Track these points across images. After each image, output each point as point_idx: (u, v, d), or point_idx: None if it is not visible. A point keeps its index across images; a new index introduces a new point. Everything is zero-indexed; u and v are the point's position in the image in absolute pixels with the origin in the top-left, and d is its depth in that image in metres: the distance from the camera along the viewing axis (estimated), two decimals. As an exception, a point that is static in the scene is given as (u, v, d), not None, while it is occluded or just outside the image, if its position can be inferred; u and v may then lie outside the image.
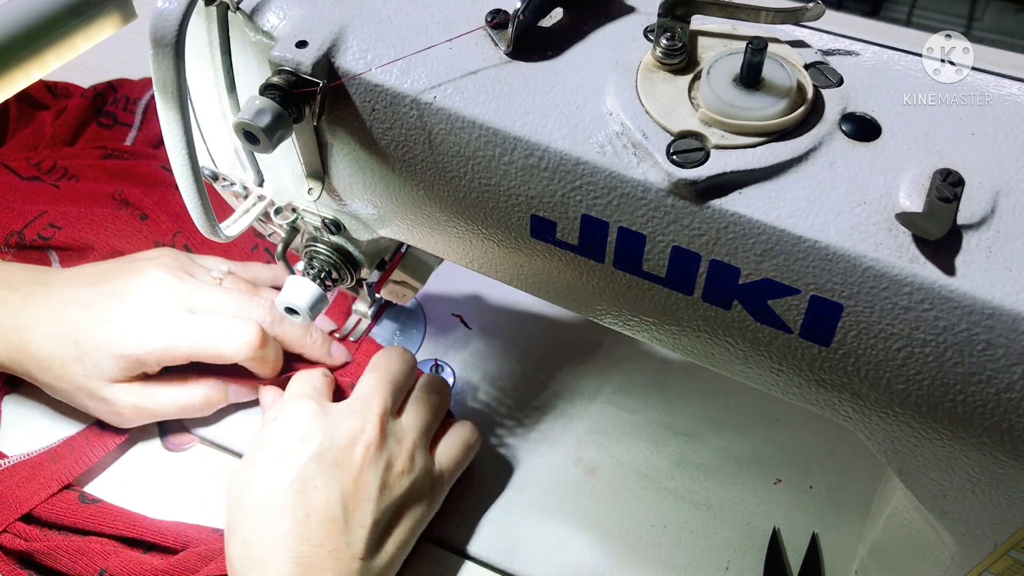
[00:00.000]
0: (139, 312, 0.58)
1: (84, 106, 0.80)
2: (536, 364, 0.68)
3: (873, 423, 0.38)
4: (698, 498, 0.60)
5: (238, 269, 0.66)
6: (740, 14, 0.38)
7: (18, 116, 0.81)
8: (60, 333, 0.58)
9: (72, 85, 0.84)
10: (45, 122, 0.80)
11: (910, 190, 0.34)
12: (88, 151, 0.78)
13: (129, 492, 0.60)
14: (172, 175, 0.43)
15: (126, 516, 0.57)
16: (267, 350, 0.60)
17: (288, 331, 0.62)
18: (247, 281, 0.65)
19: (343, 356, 0.65)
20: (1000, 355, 0.32)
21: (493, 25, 0.40)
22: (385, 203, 0.46)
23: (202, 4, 0.41)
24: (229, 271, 0.65)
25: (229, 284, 0.64)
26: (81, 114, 0.80)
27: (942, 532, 0.41)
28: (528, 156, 0.38)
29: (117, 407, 0.59)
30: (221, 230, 0.47)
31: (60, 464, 0.60)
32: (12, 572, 0.55)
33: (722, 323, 0.39)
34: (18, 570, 0.55)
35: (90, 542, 0.55)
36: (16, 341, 0.59)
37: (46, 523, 0.57)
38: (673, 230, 0.37)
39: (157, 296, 0.59)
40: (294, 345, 0.63)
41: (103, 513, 0.57)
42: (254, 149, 0.40)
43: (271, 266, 0.69)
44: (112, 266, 0.63)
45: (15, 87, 0.41)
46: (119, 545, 0.56)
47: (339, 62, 0.41)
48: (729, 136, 0.36)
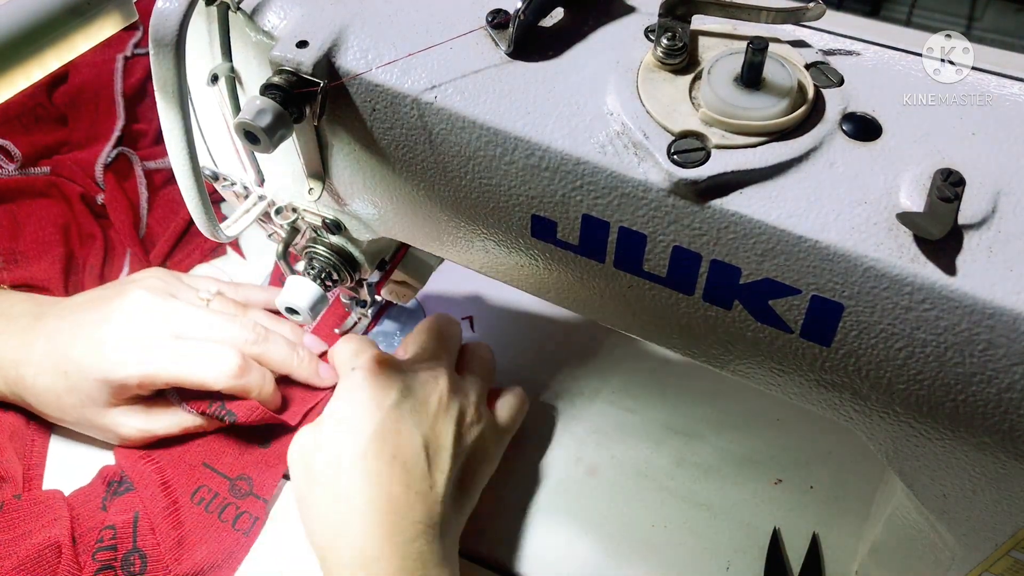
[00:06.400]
0: (121, 336, 0.58)
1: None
2: (536, 364, 0.68)
3: (874, 423, 0.38)
4: (698, 498, 0.60)
5: (229, 290, 0.65)
6: (741, 14, 0.38)
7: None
8: (54, 366, 0.58)
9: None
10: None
11: (911, 190, 0.34)
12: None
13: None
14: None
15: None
16: (248, 377, 0.59)
17: (274, 352, 0.61)
18: (236, 303, 0.65)
19: (331, 377, 0.64)
20: (1001, 355, 0.32)
21: (494, 25, 0.40)
22: (385, 203, 0.46)
23: (202, 4, 0.41)
24: (218, 292, 0.64)
25: (216, 305, 0.63)
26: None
27: (943, 532, 0.41)
28: (529, 156, 0.38)
29: (121, 431, 0.59)
30: (221, 230, 0.47)
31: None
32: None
33: (723, 323, 0.39)
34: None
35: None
36: (14, 376, 0.59)
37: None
38: (674, 230, 0.37)
39: (139, 319, 0.58)
40: (281, 366, 0.62)
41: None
42: (254, 149, 0.40)
43: (266, 288, 0.69)
44: (102, 292, 0.62)
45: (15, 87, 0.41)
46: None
47: (339, 62, 0.41)
48: (730, 136, 0.36)
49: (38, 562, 0.54)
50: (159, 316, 0.59)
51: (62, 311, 0.60)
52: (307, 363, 0.63)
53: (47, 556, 0.54)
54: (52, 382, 0.58)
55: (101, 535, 0.55)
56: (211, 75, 0.45)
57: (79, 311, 0.60)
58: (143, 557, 0.55)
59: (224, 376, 0.58)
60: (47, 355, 0.58)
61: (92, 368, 0.57)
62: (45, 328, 0.59)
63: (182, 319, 0.59)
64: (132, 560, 0.55)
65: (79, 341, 0.58)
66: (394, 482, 0.50)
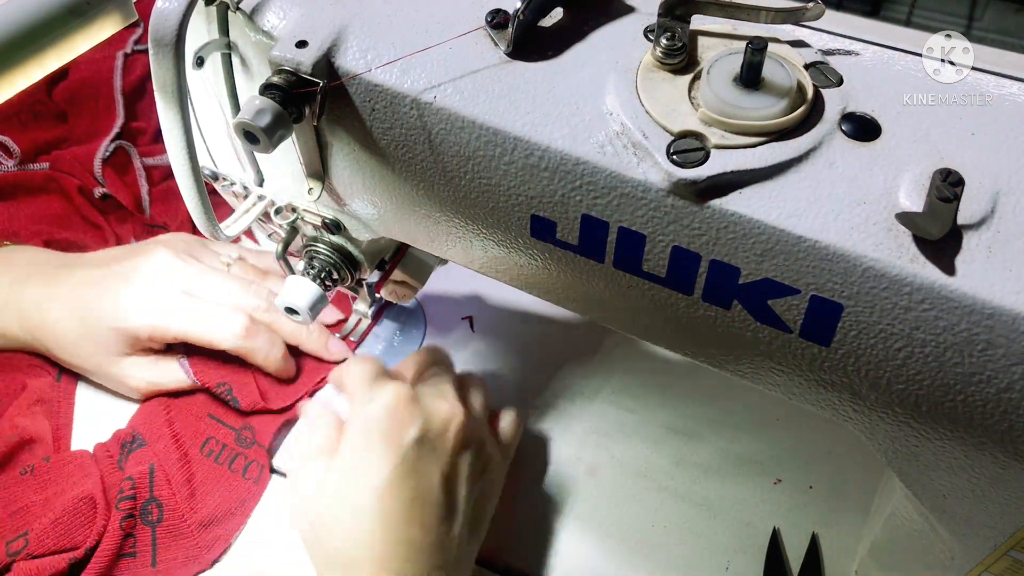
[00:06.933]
0: (139, 290, 0.60)
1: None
2: (536, 364, 0.68)
3: (873, 423, 0.38)
4: (698, 498, 0.60)
5: (251, 257, 0.67)
6: (740, 14, 0.38)
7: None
8: (73, 311, 0.60)
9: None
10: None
11: (910, 190, 0.34)
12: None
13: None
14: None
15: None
16: (255, 340, 0.61)
17: (284, 320, 0.62)
18: (257, 268, 0.66)
19: (341, 351, 0.65)
20: (1000, 355, 0.32)
21: (493, 25, 0.40)
22: (385, 203, 0.46)
23: (202, 4, 0.41)
24: (240, 257, 0.66)
25: (237, 270, 0.65)
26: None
27: (942, 532, 0.41)
28: (528, 156, 0.38)
29: (130, 383, 0.61)
30: (221, 230, 0.47)
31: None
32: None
33: (722, 323, 0.39)
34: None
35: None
36: (37, 319, 0.61)
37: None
38: (673, 230, 0.37)
39: (159, 276, 0.61)
40: (290, 336, 0.63)
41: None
42: (254, 149, 0.40)
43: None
44: (127, 249, 0.65)
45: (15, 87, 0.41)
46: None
47: (339, 62, 0.41)
48: (729, 136, 0.36)
49: (75, 514, 0.56)
50: (178, 275, 0.61)
51: (87, 263, 0.63)
52: (316, 335, 0.64)
53: (82, 508, 0.56)
54: (71, 328, 0.60)
55: (122, 486, 0.57)
56: (196, 57, 0.43)
57: (104, 265, 0.62)
58: (160, 506, 0.57)
59: (231, 336, 0.60)
60: (69, 301, 0.60)
61: (107, 317, 0.59)
62: (70, 277, 0.62)
63: (199, 281, 0.62)
64: (150, 509, 0.57)
65: (100, 291, 0.60)
66: (413, 525, 0.49)
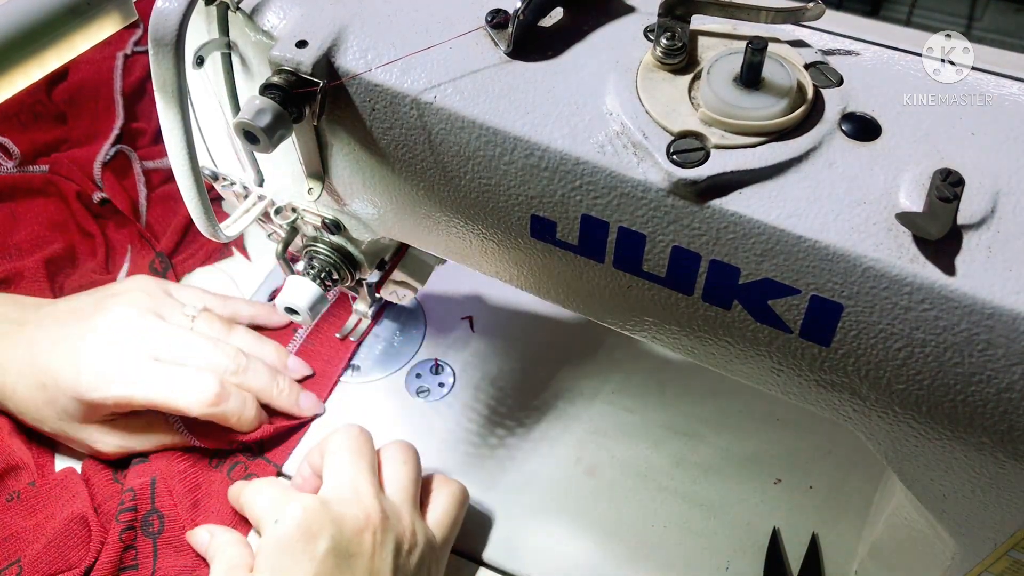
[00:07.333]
0: (101, 355, 0.57)
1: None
2: (536, 364, 0.68)
3: (873, 423, 0.38)
4: (698, 498, 0.60)
5: (217, 304, 0.65)
6: (740, 14, 0.38)
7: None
8: (32, 376, 0.57)
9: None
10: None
11: (910, 190, 0.34)
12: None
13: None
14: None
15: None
16: (227, 404, 0.58)
17: (254, 380, 0.60)
18: (222, 319, 0.64)
19: (313, 407, 0.63)
20: (1000, 355, 0.32)
21: (493, 25, 0.40)
22: (385, 203, 0.46)
23: (202, 4, 0.41)
24: (204, 308, 0.63)
25: (202, 322, 0.62)
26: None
27: (942, 532, 0.41)
28: (528, 156, 0.38)
29: (97, 448, 0.59)
30: (221, 230, 0.47)
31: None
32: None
33: (722, 323, 0.39)
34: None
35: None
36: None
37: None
38: (673, 230, 0.37)
39: (120, 338, 0.58)
40: (261, 394, 0.61)
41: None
42: (254, 149, 0.40)
43: (254, 303, 0.68)
44: (84, 302, 0.61)
45: (15, 87, 0.42)
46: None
47: (339, 62, 0.41)
48: (729, 136, 0.36)
49: (67, 536, 0.55)
50: (139, 336, 0.58)
51: (43, 319, 0.60)
52: (287, 393, 0.62)
53: (75, 529, 0.55)
54: (31, 393, 0.58)
55: (122, 498, 0.57)
56: (196, 57, 0.43)
57: (60, 322, 0.59)
58: (161, 517, 0.57)
59: (201, 403, 0.57)
60: (27, 365, 0.57)
61: (68, 385, 0.56)
62: (25, 337, 0.58)
63: (163, 341, 0.59)
64: (151, 520, 0.57)
65: (58, 354, 0.57)
66: None
